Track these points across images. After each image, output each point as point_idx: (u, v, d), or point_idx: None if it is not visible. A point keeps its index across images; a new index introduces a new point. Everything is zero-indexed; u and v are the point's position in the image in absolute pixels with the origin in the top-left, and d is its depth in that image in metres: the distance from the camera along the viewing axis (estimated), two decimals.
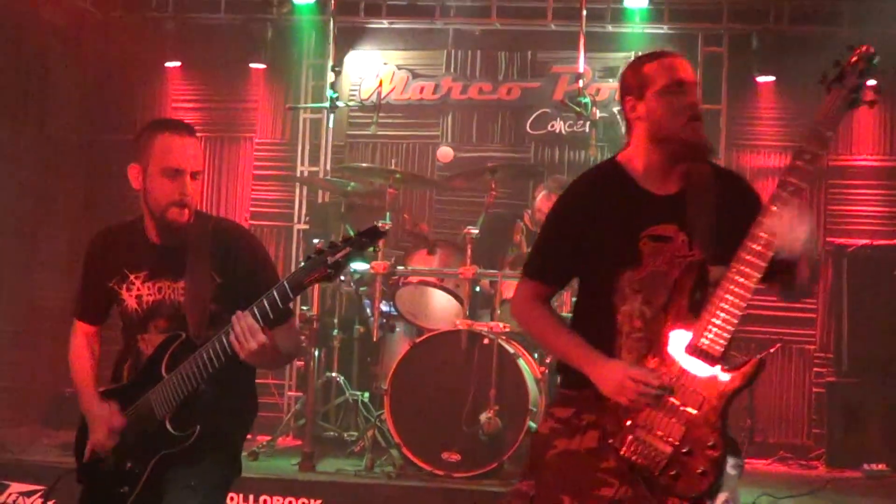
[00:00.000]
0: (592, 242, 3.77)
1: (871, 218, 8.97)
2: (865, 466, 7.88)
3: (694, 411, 3.54)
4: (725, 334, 3.53)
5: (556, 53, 9.44)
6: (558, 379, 3.96)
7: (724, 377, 3.56)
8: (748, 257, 3.51)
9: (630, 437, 3.58)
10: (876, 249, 8.59)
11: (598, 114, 8.21)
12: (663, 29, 9.25)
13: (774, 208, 3.53)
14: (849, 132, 9.04)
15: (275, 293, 3.87)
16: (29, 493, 6.58)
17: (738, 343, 8.73)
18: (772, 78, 9.00)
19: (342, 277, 3.90)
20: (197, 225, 4.26)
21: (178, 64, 9.77)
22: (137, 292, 4.27)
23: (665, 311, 3.65)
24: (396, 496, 6.53)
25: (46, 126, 9.48)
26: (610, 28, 9.23)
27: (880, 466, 7.84)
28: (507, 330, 6.86)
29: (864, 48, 3.65)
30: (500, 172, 7.65)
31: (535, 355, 7.20)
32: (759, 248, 3.51)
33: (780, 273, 3.68)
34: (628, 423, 3.59)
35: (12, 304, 9.03)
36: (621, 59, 9.36)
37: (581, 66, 8.04)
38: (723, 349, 3.54)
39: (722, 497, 3.57)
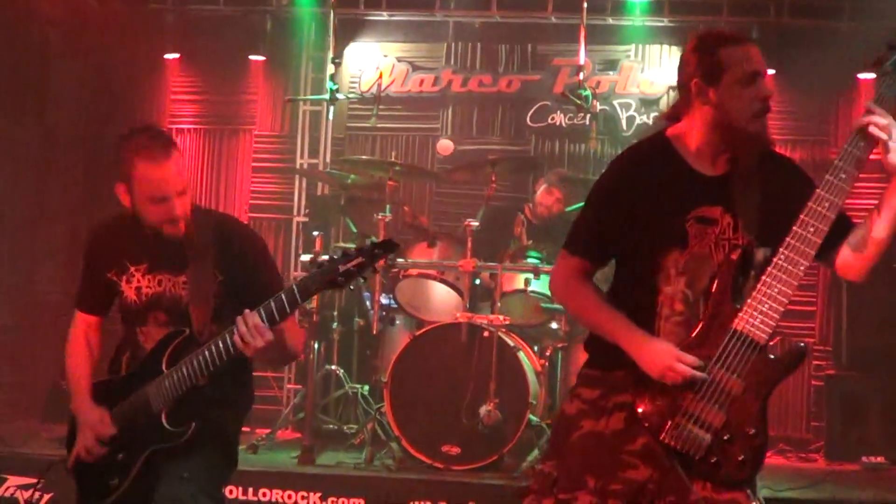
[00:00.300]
0: (639, 221, 3.67)
1: (870, 211, 8.91)
2: (864, 459, 7.88)
3: (736, 398, 3.50)
4: (770, 321, 3.49)
5: (557, 46, 9.42)
6: (584, 359, 3.89)
7: (768, 365, 3.54)
8: (796, 243, 3.47)
9: (670, 423, 3.52)
10: None
11: (599, 106, 8.22)
12: (664, 21, 9.22)
13: (823, 193, 3.50)
14: (848, 126, 9.01)
15: (283, 297, 3.87)
16: (27, 487, 6.57)
17: None
18: (772, 71, 8.95)
19: (351, 287, 3.87)
20: (198, 221, 4.24)
21: (177, 56, 9.75)
22: (137, 284, 4.26)
23: (708, 294, 3.59)
24: (396, 489, 6.53)
25: (45, 118, 9.47)
26: (610, 21, 9.21)
27: (879, 459, 7.84)
28: (508, 323, 6.86)
29: None
30: (500, 165, 7.65)
31: (535, 348, 7.20)
32: (808, 233, 3.47)
33: (844, 244, 3.66)
34: (668, 407, 3.53)
35: (10, 297, 9.03)
36: (622, 51, 9.36)
37: (581, 58, 8.02)
38: (768, 336, 3.50)
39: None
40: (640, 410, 3.57)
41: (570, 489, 3.66)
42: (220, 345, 3.94)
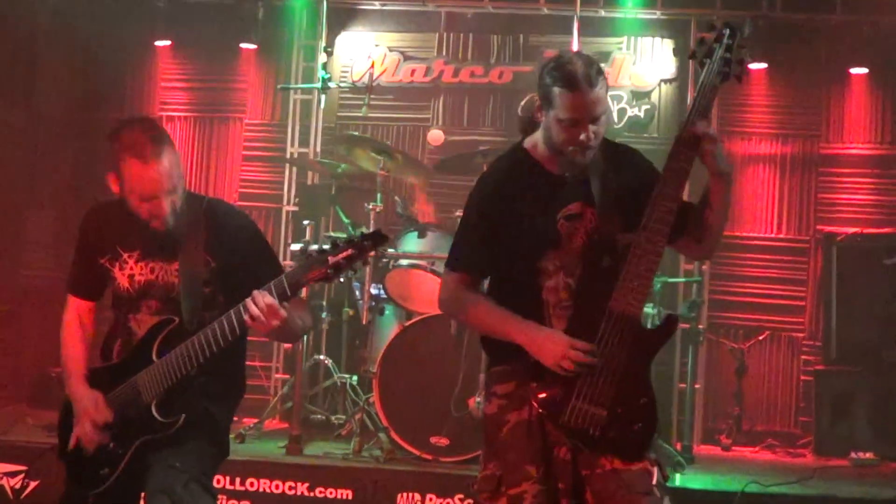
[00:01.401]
0: (513, 228, 3.91)
1: (862, 206, 8.95)
2: (853, 455, 7.89)
3: (622, 372, 3.72)
4: (640, 296, 3.73)
5: (549, 37, 9.39)
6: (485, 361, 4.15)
7: (646, 335, 3.81)
8: (653, 223, 3.73)
9: (568, 406, 3.72)
10: (866, 238, 8.60)
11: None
12: (656, 14, 9.20)
13: (668, 174, 3.78)
14: (840, 120, 9.02)
15: (273, 290, 3.85)
16: (13, 474, 6.55)
17: (727, 330, 8.81)
18: (764, 65, 8.96)
19: (341, 279, 3.88)
20: (189, 207, 4.22)
21: (168, 43, 9.71)
22: (130, 271, 4.24)
23: (583, 280, 3.83)
24: (384, 480, 6.52)
25: (35, 104, 9.43)
26: (603, 13, 9.18)
27: (868, 455, 7.85)
28: None
29: (725, 28, 3.87)
30: (491, 156, 7.62)
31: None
32: (662, 212, 3.74)
33: (688, 231, 3.93)
34: (563, 391, 3.74)
35: None
36: (614, 43, 9.34)
37: (574, 49, 8.01)
38: (640, 309, 3.74)
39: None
40: (539, 397, 3.78)
41: (516, 483, 3.85)
42: (219, 328, 3.92)
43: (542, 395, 3.77)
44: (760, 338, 8.84)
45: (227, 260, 4.18)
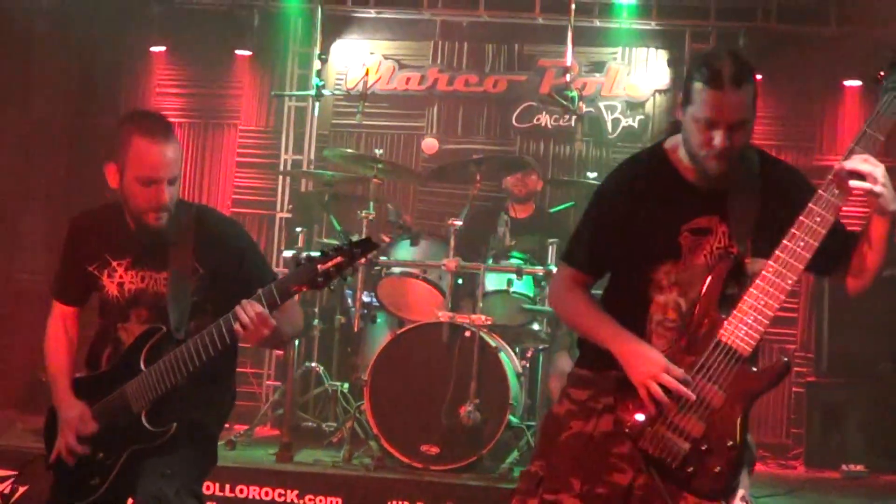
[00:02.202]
0: (633, 234, 3.69)
1: (855, 218, 8.91)
2: (844, 467, 7.88)
3: (717, 409, 3.49)
4: (755, 333, 3.47)
5: (544, 47, 9.42)
6: (574, 358, 3.91)
7: (751, 377, 3.52)
8: (786, 256, 3.45)
9: (649, 430, 3.52)
10: None
11: (584, 108, 8.20)
12: (651, 25, 9.23)
13: (815, 207, 3.45)
14: (834, 132, 9.05)
15: (262, 298, 3.83)
16: (2, 479, 6.52)
17: None
18: (758, 76, 8.96)
19: (331, 287, 3.84)
20: (179, 214, 4.20)
21: (163, 48, 9.73)
22: (119, 280, 4.22)
23: (697, 303, 3.59)
24: (374, 488, 6.50)
25: (29, 108, 9.41)
26: (598, 23, 9.21)
27: (859, 467, 7.85)
28: (489, 323, 6.83)
29: None
30: (485, 165, 7.62)
31: (517, 349, 7.18)
32: (797, 247, 3.45)
33: (846, 264, 3.69)
34: (648, 414, 3.53)
35: None
36: (608, 54, 9.37)
37: (568, 59, 8.03)
38: (752, 348, 3.48)
39: (740, 493, 3.56)
40: (622, 416, 3.58)
41: (555, 490, 3.66)
42: (208, 337, 3.90)
43: (627, 412, 3.57)
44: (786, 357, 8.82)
45: (217, 268, 4.16)
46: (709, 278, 3.58)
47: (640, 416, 3.55)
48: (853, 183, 3.43)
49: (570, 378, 3.85)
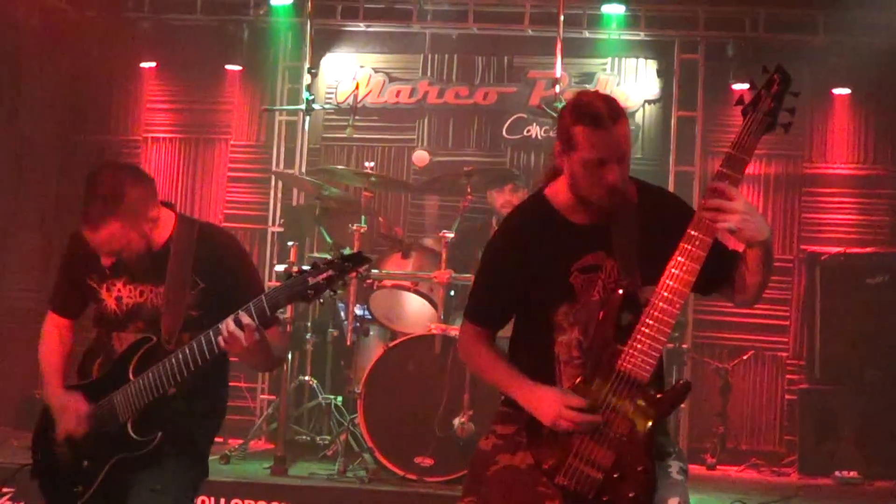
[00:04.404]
0: (525, 282, 3.79)
1: (845, 226, 9.01)
2: (837, 474, 7.90)
3: (624, 437, 3.56)
4: (651, 360, 3.54)
5: (533, 59, 9.45)
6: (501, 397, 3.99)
7: (653, 402, 3.59)
8: (672, 283, 3.53)
9: (564, 465, 3.59)
10: (849, 257, 8.64)
11: None
12: (640, 35, 9.27)
13: (693, 232, 3.52)
14: (823, 141, 9.10)
15: (252, 309, 3.84)
16: None
17: (711, 349, 8.83)
18: (746, 86, 8.98)
19: (321, 301, 3.85)
20: (182, 230, 4.22)
21: (153, 64, 9.74)
22: (118, 294, 4.23)
23: (594, 337, 3.67)
24: (369, 500, 6.51)
25: (20, 125, 9.42)
26: (587, 34, 9.24)
27: (852, 474, 7.87)
28: None
29: (777, 72, 3.65)
30: (475, 177, 7.64)
31: None
32: (682, 272, 3.52)
33: (730, 282, 3.73)
34: (562, 449, 3.60)
35: None
36: (598, 64, 9.40)
37: (558, 71, 8.04)
38: (649, 374, 3.55)
39: (674, 501, 3.62)
40: (537, 455, 3.66)
41: None
42: (196, 348, 3.91)
43: (539, 451, 3.64)
44: (745, 357, 8.86)
45: (216, 282, 4.17)
46: (601, 313, 3.66)
47: (550, 451, 3.63)
48: (710, 215, 3.51)
49: (496, 415, 3.93)
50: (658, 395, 3.60)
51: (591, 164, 3.62)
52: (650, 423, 3.58)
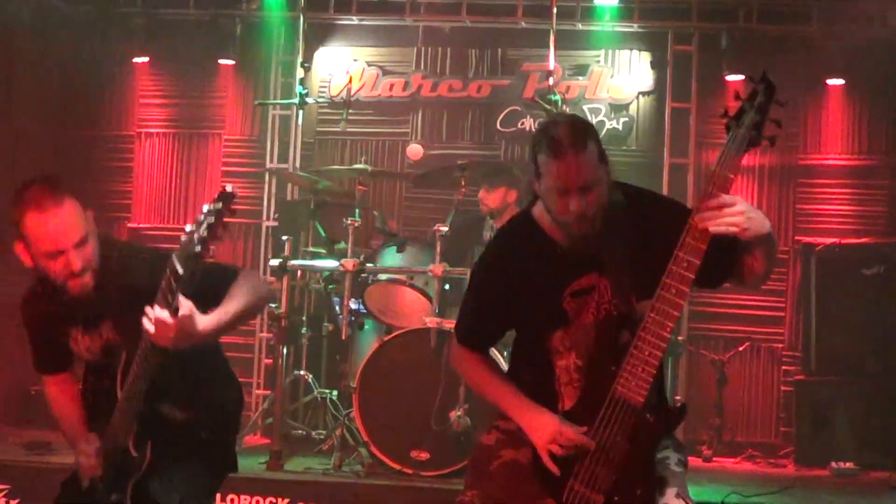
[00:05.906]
0: (517, 306, 3.79)
1: (840, 217, 9.00)
2: (834, 465, 7.89)
3: (622, 459, 3.58)
4: (644, 384, 3.54)
5: (527, 51, 9.44)
6: None
7: (648, 425, 3.60)
8: (662, 305, 3.51)
9: (566, 487, 3.61)
10: (844, 248, 8.63)
11: (568, 111, 8.20)
12: (633, 27, 9.26)
13: (681, 254, 3.48)
14: (818, 131, 9.09)
15: (164, 286, 3.69)
16: None
17: (707, 341, 8.82)
18: (741, 76, 9.01)
19: (210, 248, 3.61)
20: (106, 261, 4.04)
21: (146, 59, 9.71)
22: (85, 343, 4.15)
23: (592, 360, 3.68)
24: (365, 495, 6.50)
25: (12, 120, 9.38)
26: (580, 26, 9.23)
27: (848, 465, 7.86)
28: None
29: (760, 84, 3.60)
30: (470, 170, 7.63)
31: (505, 353, 7.18)
32: (671, 294, 3.50)
33: (732, 276, 3.71)
34: (564, 471, 3.62)
35: None
36: (591, 56, 9.38)
37: (551, 63, 8.03)
38: (643, 398, 3.55)
39: (672, 492, 3.64)
40: (541, 472, 3.67)
41: None
42: (144, 347, 3.81)
43: (544, 471, 3.65)
44: (740, 349, 8.85)
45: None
46: (596, 336, 3.67)
47: (554, 472, 3.64)
48: (717, 230, 3.45)
49: (498, 411, 3.91)
50: (653, 420, 3.60)
51: (554, 193, 3.60)
52: (647, 445, 3.61)
